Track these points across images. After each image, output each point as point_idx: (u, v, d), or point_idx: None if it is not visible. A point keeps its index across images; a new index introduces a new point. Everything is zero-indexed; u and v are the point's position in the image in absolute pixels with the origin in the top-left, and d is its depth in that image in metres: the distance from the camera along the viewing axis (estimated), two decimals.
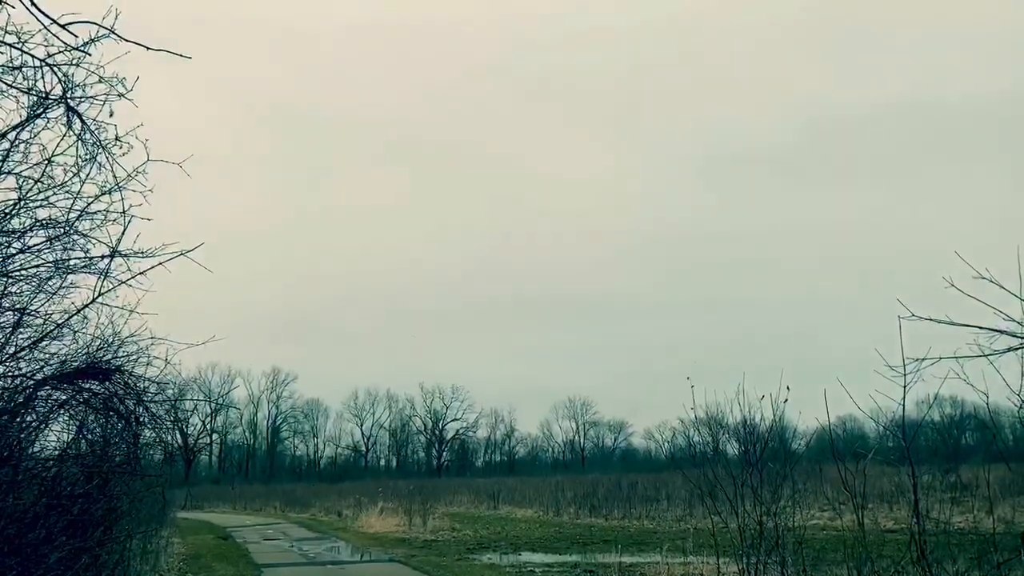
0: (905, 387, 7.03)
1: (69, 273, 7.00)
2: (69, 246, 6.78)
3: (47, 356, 7.65)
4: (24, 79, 5.60)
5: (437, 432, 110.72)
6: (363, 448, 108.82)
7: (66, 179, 6.42)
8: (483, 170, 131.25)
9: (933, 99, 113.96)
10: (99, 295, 6.86)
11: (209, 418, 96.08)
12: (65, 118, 5.90)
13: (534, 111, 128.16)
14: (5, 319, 6.88)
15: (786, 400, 9.99)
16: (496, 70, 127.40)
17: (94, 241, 6.72)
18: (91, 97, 5.79)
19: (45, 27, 4.94)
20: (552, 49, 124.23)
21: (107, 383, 8.33)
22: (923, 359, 6.49)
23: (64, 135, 6.05)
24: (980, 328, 6.19)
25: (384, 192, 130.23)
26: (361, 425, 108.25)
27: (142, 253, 6.59)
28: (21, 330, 7.09)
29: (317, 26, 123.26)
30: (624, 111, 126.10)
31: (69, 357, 7.94)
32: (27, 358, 7.33)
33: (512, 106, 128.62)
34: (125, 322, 7.85)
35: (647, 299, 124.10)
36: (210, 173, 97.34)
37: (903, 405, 7.35)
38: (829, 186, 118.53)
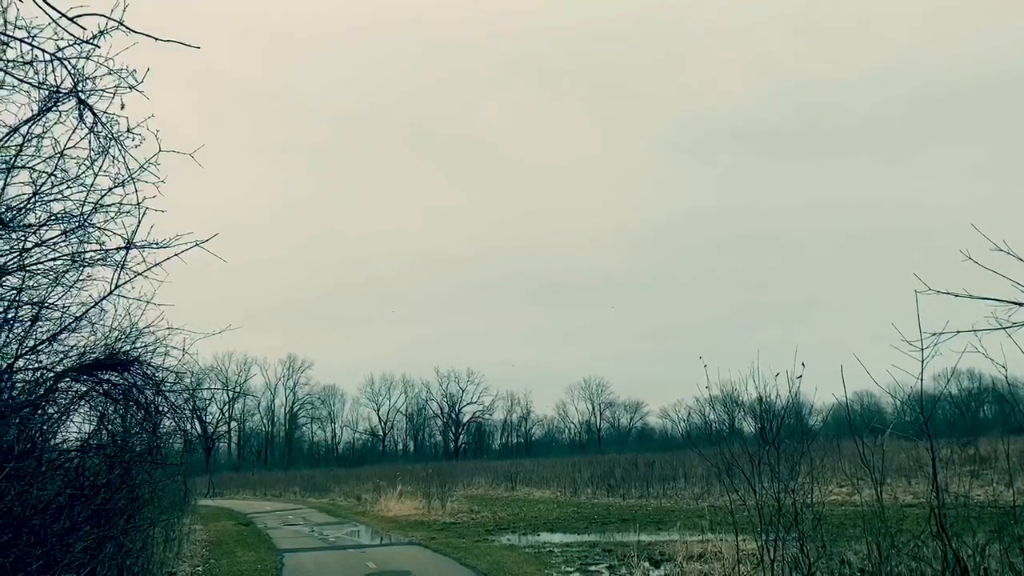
0: (923, 361, 6.99)
1: (85, 266, 7.02)
2: (84, 239, 6.79)
3: (66, 348, 7.73)
4: (35, 73, 5.59)
5: (453, 415, 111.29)
6: (380, 432, 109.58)
7: (79, 172, 6.42)
8: (491, 157, 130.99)
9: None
10: (116, 287, 6.90)
11: (227, 406, 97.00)
12: (76, 111, 5.89)
13: (536, 99, 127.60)
14: (24, 313, 6.94)
15: (800, 376, 9.90)
16: (489, 57, 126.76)
17: (109, 233, 6.72)
18: (102, 90, 5.77)
19: (54, 20, 4.93)
20: (544, 34, 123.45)
21: (126, 374, 8.40)
22: (941, 333, 6.43)
23: (76, 128, 6.04)
24: (998, 301, 6.12)
25: (394, 181, 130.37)
26: (378, 410, 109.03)
27: (157, 244, 6.60)
28: (40, 323, 7.15)
29: (292, 19, 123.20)
30: (623, 95, 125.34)
31: (88, 349, 8.02)
32: (47, 351, 7.40)
33: (522, 95, 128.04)
34: (142, 313, 7.95)
35: (661, 279, 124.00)
36: (222, 164, 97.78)
37: (921, 379, 7.30)
38: (833, 163, 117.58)
